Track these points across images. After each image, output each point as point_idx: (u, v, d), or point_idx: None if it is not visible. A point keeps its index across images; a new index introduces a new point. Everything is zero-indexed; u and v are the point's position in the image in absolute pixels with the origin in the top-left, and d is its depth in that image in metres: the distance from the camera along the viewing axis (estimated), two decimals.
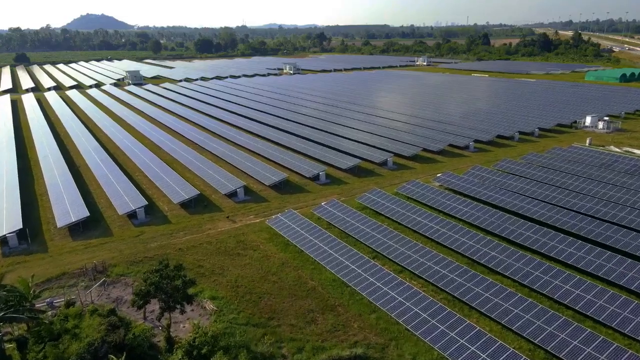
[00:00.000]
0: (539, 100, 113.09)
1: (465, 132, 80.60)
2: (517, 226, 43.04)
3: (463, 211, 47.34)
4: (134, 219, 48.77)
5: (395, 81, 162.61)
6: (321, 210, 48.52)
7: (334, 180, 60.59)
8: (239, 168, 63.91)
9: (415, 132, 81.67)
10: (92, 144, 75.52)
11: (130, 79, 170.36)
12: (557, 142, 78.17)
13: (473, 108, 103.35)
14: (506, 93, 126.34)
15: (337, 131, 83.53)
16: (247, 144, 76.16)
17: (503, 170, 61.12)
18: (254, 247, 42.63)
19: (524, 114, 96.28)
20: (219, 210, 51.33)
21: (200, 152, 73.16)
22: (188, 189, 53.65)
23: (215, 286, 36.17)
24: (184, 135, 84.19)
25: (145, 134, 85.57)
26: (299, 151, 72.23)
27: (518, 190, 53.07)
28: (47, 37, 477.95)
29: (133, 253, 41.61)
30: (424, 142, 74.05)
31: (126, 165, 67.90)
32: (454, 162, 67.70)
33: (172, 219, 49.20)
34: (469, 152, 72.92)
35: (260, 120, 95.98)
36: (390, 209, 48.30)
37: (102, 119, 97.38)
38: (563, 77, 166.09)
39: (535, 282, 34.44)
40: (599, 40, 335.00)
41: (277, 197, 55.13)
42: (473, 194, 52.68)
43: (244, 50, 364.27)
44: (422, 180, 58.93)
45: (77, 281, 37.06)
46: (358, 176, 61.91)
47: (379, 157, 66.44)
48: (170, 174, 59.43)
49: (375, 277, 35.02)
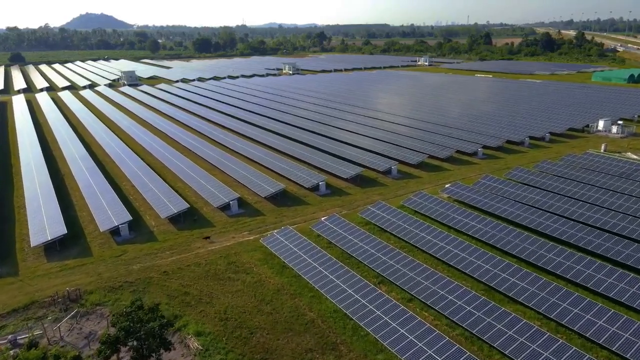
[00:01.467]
0: (547, 102, 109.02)
1: (473, 137, 76.54)
2: (537, 246, 38.99)
3: (476, 228, 43.30)
4: (117, 236, 44.74)
5: (397, 82, 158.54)
6: (321, 227, 44.49)
7: (335, 190, 56.54)
8: (234, 177, 59.87)
9: (420, 137, 77.61)
10: (79, 150, 71.45)
11: (126, 80, 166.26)
12: (569, 148, 74.13)
13: (479, 111, 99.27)
14: (512, 95, 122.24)
15: (338, 136, 79.49)
16: (243, 149, 72.10)
17: (515, 180, 57.09)
18: (247, 269, 38.59)
19: (533, 117, 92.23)
20: (210, 225, 47.28)
21: (194, 159, 69.12)
22: (177, 202, 49.61)
23: (201, 318, 32.12)
24: (176, 141, 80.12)
25: (137, 138, 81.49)
26: (298, 158, 68.21)
27: (534, 203, 49.05)
28: (44, 36, 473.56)
29: (113, 277, 37.56)
30: (430, 148, 69.99)
31: (114, 174, 63.87)
32: (462, 171, 63.64)
33: (159, 236, 45.15)
34: (478, 159, 68.86)
35: (257, 124, 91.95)
36: (395, 225, 44.26)
37: (92, 123, 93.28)
38: (569, 78, 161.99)
39: (564, 316, 30.41)
40: (602, 39, 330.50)
41: (274, 210, 51.09)
42: (485, 207, 48.63)
43: (243, 50, 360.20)
44: (429, 191, 54.90)
45: (46, 312, 33.03)
46: (360, 186, 57.87)
47: (382, 165, 62.39)
48: (159, 184, 55.36)
49: (382, 309, 30.98)
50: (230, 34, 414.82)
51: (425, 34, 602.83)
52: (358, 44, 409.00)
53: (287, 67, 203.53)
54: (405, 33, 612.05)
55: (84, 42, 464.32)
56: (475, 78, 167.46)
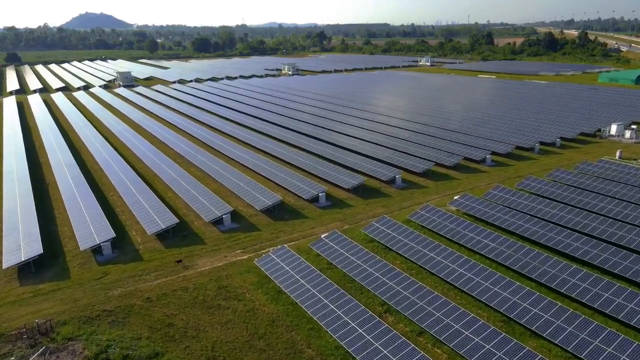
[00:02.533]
0: (554, 104, 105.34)
1: (480, 143, 72.90)
2: (559, 269, 35.38)
3: (490, 247, 39.69)
4: (99, 255, 41.15)
5: (398, 83, 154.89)
6: (320, 245, 40.88)
7: (336, 202, 52.93)
8: (228, 187, 56.26)
9: (424, 142, 73.97)
10: (66, 157, 67.82)
11: (121, 81, 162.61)
12: (582, 154, 70.51)
13: (485, 114, 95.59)
14: (517, 96, 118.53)
15: (339, 141, 75.87)
16: (239, 156, 68.48)
17: (528, 190, 53.49)
18: (239, 295, 34.99)
19: (541, 120, 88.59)
20: (200, 243, 43.67)
21: (186, 166, 65.56)
22: (166, 216, 46.00)
23: (186, 356, 28.53)
24: (169, 146, 76.49)
25: (128, 144, 77.86)
26: (297, 165, 64.62)
27: (550, 218, 45.45)
28: (42, 36, 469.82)
29: (90, 304, 33.96)
30: (436, 155, 66.35)
31: (101, 183, 60.29)
32: (470, 180, 60.01)
33: (145, 255, 41.55)
34: (486, 167, 65.24)
35: (254, 127, 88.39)
36: (401, 244, 40.65)
37: (82, 127, 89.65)
38: (575, 79, 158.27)
39: (596, 355, 26.78)
40: (605, 39, 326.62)
41: (270, 224, 47.48)
42: (498, 222, 45.04)
43: (242, 49, 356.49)
44: (437, 203, 51.31)
45: (12, 348, 29.44)
46: (363, 197, 54.26)
47: (386, 174, 58.76)
48: (148, 195, 51.75)
49: (390, 347, 27.39)
50: (229, 33, 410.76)
51: (426, 33, 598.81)
52: (358, 43, 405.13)
53: (286, 67, 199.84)
54: (406, 33, 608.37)
55: (83, 42, 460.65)
56: (478, 79, 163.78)
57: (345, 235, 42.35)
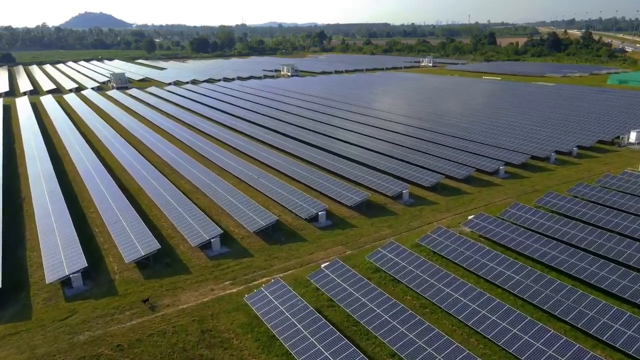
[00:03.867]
0: (566, 109, 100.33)
1: (492, 152, 67.92)
2: (597, 310, 30.39)
3: (514, 280, 34.73)
4: (68, 287, 36.20)
5: (401, 85, 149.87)
6: (320, 278, 35.91)
7: (337, 221, 47.95)
8: (218, 203, 51.26)
9: (432, 151, 69.00)
10: (46, 168, 62.87)
11: (115, 82, 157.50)
12: (602, 164, 65.57)
13: (494, 119, 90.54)
14: (526, 100, 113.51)
15: (341, 150, 70.89)
16: (232, 167, 63.51)
17: (549, 208, 48.53)
18: (225, 341, 30.02)
19: (554, 127, 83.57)
20: (185, 272, 38.71)
21: (175, 178, 60.64)
22: (147, 240, 41.02)
23: None
24: (158, 155, 71.47)
25: (114, 152, 72.86)
26: (295, 178, 59.68)
27: (578, 242, 40.50)
28: (39, 35, 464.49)
29: (50, 354, 29.01)
30: (445, 167, 61.39)
31: (81, 198, 55.34)
32: (483, 194, 55.02)
33: (120, 287, 36.59)
34: (500, 179, 60.25)
35: (250, 134, 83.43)
36: (412, 276, 35.68)
37: (68, 133, 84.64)
38: (583, 81, 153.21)
39: None
40: (609, 39, 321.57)
41: (264, 249, 42.51)
42: (519, 247, 40.08)
43: (241, 49, 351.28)
44: (449, 223, 46.37)
45: None
46: (367, 215, 49.27)
47: (392, 189, 53.78)
48: (129, 215, 46.75)
49: None
50: (228, 33, 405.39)
51: (427, 33, 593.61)
52: (359, 43, 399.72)
53: (285, 68, 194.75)
54: (407, 32, 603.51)
55: (80, 41, 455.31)
56: (483, 81, 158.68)
57: (348, 264, 37.44)
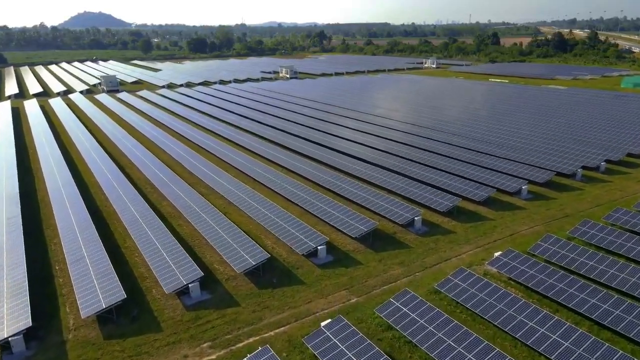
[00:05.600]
0: (584, 116, 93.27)
1: (511, 168, 60.96)
2: None
3: (563, 347, 27.76)
4: (7, 354, 29.27)
5: (405, 89, 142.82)
6: (319, 343, 28.93)
7: (340, 256, 41.01)
8: (202, 233, 44.27)
9: (446, 167, 62.02)
10: (10, 189, 55.88)
11: (105, 85, 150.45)
12: (635, 182, 58.63)
13: (509, 129, 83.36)
14: (539, 105, 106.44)
15: (344, 165, 63.93)
16: (220, 186, 56.49)
17: (586, 241, 41.59)
18: None
19: (575, 137, 76.50)
20: (154, 328, 31.77)
21: (156, 201, 53.76)
22: (112, 287, 34.07)
23: None
24: (140, 170, 64.48)
25: (92, 167, 65.81)
26: (289, 199, 52.75)
27: (630, 289, 33.55)
28: (35, 35, 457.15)
29: None
30: (461, 187, 54.39)
31: (46, 225, 48.43)
32: (506, 221, 48.02)
33: (72, 352, 29.62)
34: (523, 201, 53.26)
35: (243, 145, 76.46)
36: (434, 340, 28.71)
37: (44, 145, 77.54)
38: (595, 84, 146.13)
39: None
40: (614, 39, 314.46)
41: (252, 294, 35.57)
42: (561, 298, 33.10)
43: (240, 50, 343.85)
44: (471, 260, 39.48)
45: None
46: (374, 248, 42.34)
47: (402, 215, 46.82)
48: (95, 248, 39.82)
49: None
50: (226, 33, 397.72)
51: (428, 33, 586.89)
52: (359, 43, 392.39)
53: (284, 70, 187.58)
54: (407, 32, 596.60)
55: (76, 41, 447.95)
56: (491, 84, 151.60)
57: (354, 318, 30.72)
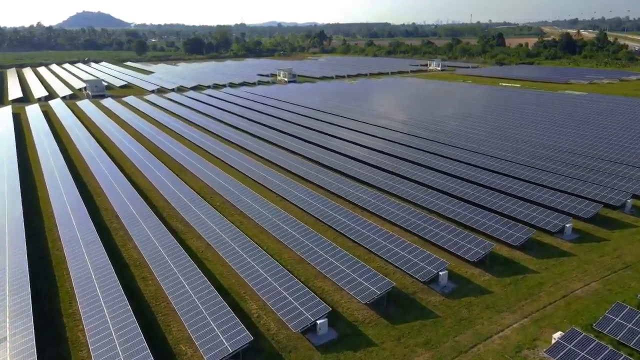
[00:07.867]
0: (614, 128, 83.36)
1: (549, 199, 51.18)
2: None
3: None
4: None
5: (412, 95, 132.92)
6: None
7: (345, 331, 31.35)
8: (169, 300, 34.60)
9: (471, 197, 52.19)
10: None
11: (90, 90, 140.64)
12: None
13: (535, 147, 72.27)
14: (561, 115, 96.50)
15: (349, 193, 54.30)
16: (198, 223, 46.81)
17: None
18: None
19: (614, 157, 66.30)
20: None
21: (121, 241, 44.09)
22: None
23: None
24: (109, 201, 54.60)
25: (52, 195, 56.04)
26: (283, 242, 43.05)
27: None
28: (28, 36, 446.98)
29: None
30: (493, 225, 44.59)
31: None
32: (553, 274, 38.31)
33: None
34: (569, 243, 43.56)
35: (233, 166, 66.82)
36: None
37: (10, 164, 67.81)
38: (614, 89, 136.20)
39: None
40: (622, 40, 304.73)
41: None
42: None
43: (237, 51, 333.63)
44: (518, 339, 29.91)
45: None
46: (389, 318, 32.68)
47: (424, 268, 37.13)
48: (24, 316, 30.17)
49: None
50: (224, 33, 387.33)
51: (429, 33, 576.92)
52: (360, 44, 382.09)
53: (282, 73, 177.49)
54: (408, 32, 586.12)
55: (71, 42, 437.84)
56: (502, 89, 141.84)
57: None
